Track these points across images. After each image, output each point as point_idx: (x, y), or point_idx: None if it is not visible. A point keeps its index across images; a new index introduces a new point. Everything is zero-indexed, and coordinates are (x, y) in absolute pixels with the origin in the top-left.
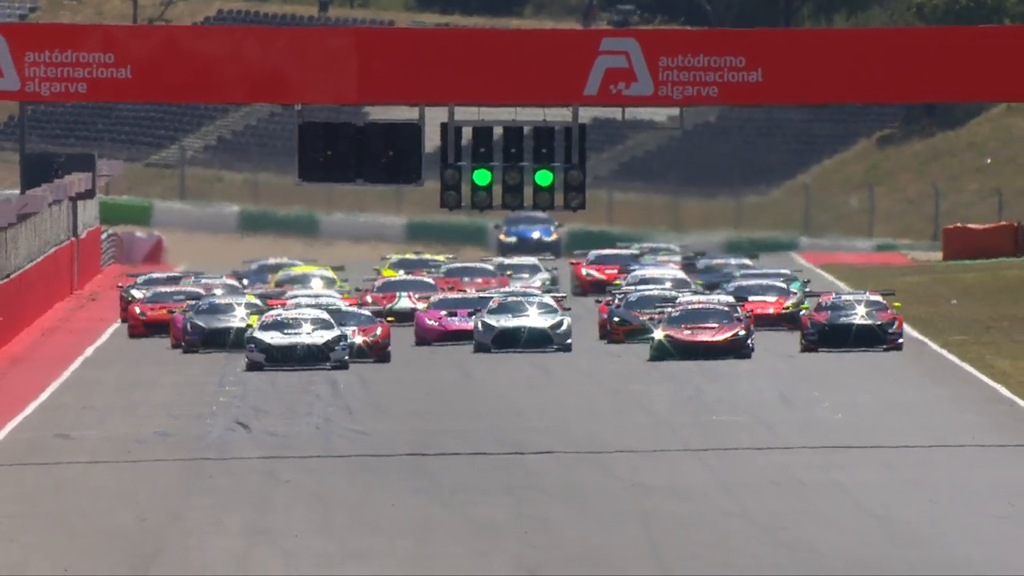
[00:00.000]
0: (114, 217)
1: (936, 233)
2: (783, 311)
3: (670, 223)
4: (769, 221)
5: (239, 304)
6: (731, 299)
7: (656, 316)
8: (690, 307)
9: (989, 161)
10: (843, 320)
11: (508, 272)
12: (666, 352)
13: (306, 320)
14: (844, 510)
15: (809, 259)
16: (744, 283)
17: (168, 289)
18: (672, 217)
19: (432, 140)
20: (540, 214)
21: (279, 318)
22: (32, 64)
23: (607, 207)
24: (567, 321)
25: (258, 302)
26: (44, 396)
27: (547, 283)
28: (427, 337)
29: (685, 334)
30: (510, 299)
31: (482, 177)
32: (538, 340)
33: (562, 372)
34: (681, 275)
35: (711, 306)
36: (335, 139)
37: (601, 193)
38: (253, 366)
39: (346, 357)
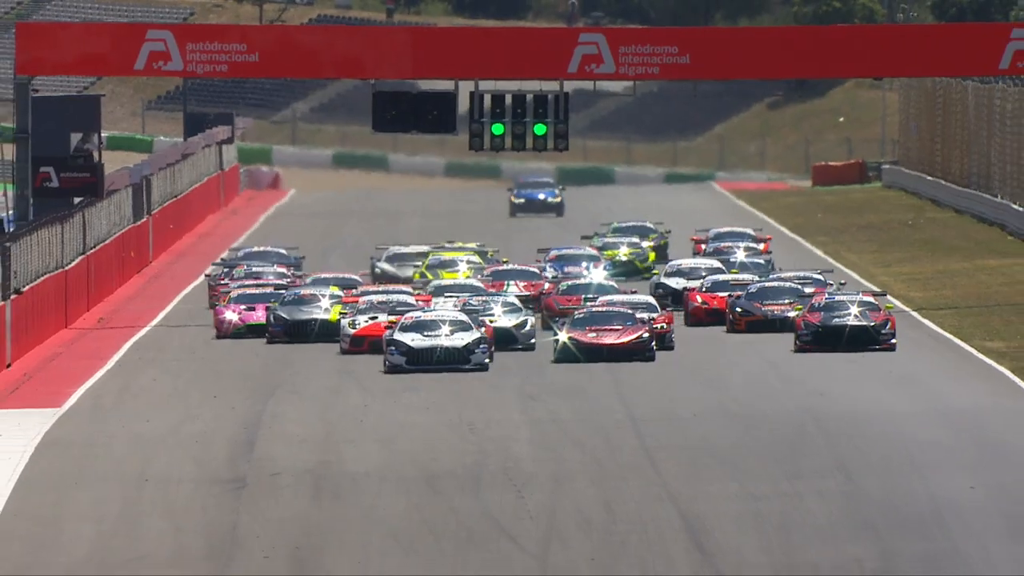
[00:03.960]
0: (246, 158)
1: (807, 168)
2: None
3: (625, 160)
4: (695, 161)
5: (324, 295)
6: (650, 299)
7: (781, 307)
8: (594, 310)
9: (842, 120)
10: (836, 321)
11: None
12: (570, 354)
13: (444, 322)
14: (764, 372)
15: (722, 186)
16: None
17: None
18: (626, 156)
19: (463, 104)
20: (546, 179)
21: (419, 319)
22: (191, 52)
23: (582, 150)
24: (531, 320)
25: (341, 293)
26: (200, 279)
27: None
28: (223, 331)
29: (589, 336)
30: (474, 299)
31: (498, 128)
32: (503, 339)
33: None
34: (716, 264)
35: (615, 308)
36: (398, 102)
37: (578, 140)
38: (393, 368)
39: (487, 360)
